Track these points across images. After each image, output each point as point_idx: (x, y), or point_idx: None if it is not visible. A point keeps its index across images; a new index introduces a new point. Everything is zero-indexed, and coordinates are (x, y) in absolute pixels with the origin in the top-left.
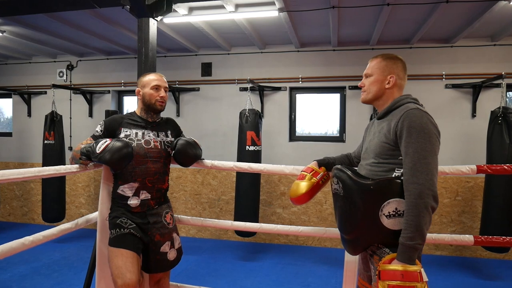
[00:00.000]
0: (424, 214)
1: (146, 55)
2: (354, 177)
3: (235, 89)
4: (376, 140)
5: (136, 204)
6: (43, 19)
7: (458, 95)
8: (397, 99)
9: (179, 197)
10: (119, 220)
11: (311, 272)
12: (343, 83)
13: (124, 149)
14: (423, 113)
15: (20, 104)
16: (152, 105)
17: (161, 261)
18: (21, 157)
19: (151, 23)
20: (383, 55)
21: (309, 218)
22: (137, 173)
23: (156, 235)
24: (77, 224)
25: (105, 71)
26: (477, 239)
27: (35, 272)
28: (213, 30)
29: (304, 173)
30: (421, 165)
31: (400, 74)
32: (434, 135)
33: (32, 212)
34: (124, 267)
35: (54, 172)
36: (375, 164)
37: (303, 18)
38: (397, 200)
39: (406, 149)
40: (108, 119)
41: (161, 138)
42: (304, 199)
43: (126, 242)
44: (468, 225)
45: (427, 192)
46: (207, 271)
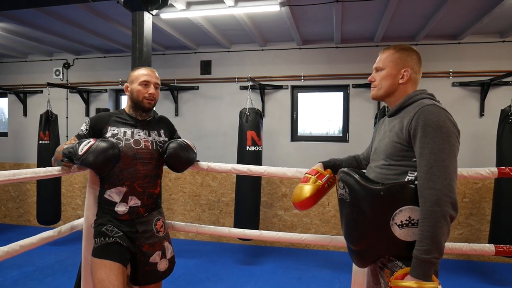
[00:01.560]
0: (441, 224)
1: (141, 50)
2: (362, 182)
3: (235, 87)
4: (387, 139)
5: (124, 211)
6: (38, 15)
7: (465, 93)
8: (411, 95)
9: (178, 198)
10: (104, 227)
11: (314, 277)
12: (346, 81)
13: (109, 151)
14: (441, 109)
15: (16, 104)
16: (139, 103)
17: (150, 272)
18: (17, 158)
19: (145, 17)
20: (395, 47)
21: (312, 220)
22: (125, 176)
23: (145, 245)
24: (60, 232)
25: (102, 69)
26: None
27: (28, 277)
28: (213, 27)
29: (308, 176)
30: (438, 169)
31: (415, 68)
32: (453, 134)
33: (28, 214)
34: (107, 281)
35: (32, 175)
36: (385, 166)
37: (306, 13)
38: (411, 208)
39: (421, 150)
40: (93, 117)
41: (153, 138)
42: (308, 203)
43: (111, 253)
44: (476, 228)
45: (445, 199)
46: (206, 275)
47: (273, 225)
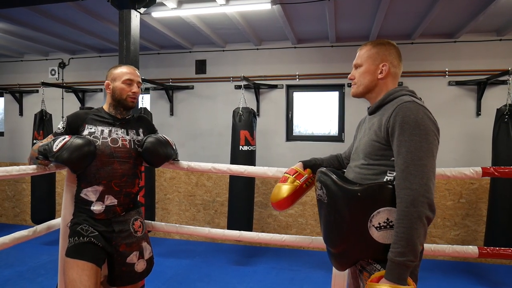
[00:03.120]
0: (417, 225)
1: (128, 49)
2: (339, 182)
3: (230, 87)
4: (366, 138)
5: (100, 210)
6: (33, 15)
7: (462, 92)
8: (391, 91)
9: (173, 198)
10: (79, 227)
11: (307, 278)
12: (342, 81)
13: (85, 147)
14: (419, 106)
15: (12, 103)
16: (123, 101)
17: (127, 272)
18: (13, 157)
19: (133, 15)
20: (373, 42)
21: (307, 220)
22: (102, 175)
23: (121, 245)
24: (36, 231)
25: (97, 68)
26: (482, 250)
27: (20, 276)
28: (206, 26)
29: (286, 175)
30: (415, 168)
31: (394, 62)
32: (432, 132)
33: (24, 213)
34: (78, 281)
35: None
36: (364, 166)
37: (298, 11)
38: (389, 209)
39: (399, 148)
40: (71, 115)
41: (131, 137)
42: (285, 204)
43: (84, 253)
44: (473, 229)
45: (421, 199)
46: (199, 276)
47: (268, 225)
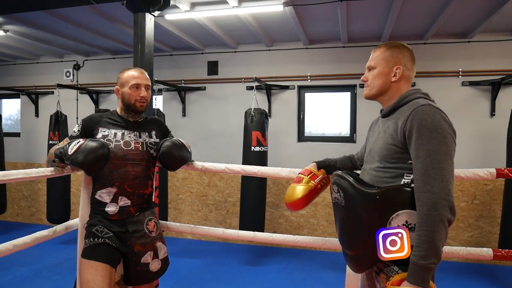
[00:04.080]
0: (439, 228)
1: (142, 52)
2: (357, 185)
3: (242, 88)
4: (381, 141)
5: (114, 211)
6: (46, 17)
7: (475, 93)
8: (405, 94)
9: (185, 198)
10: (94, 228)
11: (319, 278)
12: (353, 81)
13: (99, 150)
14: (436, 109)
15: (28, 104)
16: (132, 106)
17: (142, 272)
18: (29, 157)
19: (147, 19)
20: (386, 44)
21: (318, 221)
22: (115, 177)
23: (136, 245)
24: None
25: (111, 70)
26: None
27: (36, 275)
28: (218, 27)
29: (301, 176)
30: (435, 171)
31: (407, 65)
32: (449, 135)
33: (40, 212)
34: (92, 282)
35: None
36: (380, 169)
37: (310, 13)
38: (408, 212)
39: (417, 152)
40: (85, 118)
41: (144, 139)
42: (300, 204)
43: (99, 254)
44: (487, 230)
45: (442, 202)
46: (211, 276)
47: (279, 226)
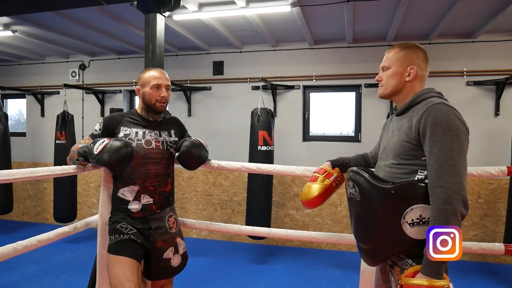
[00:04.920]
0: (453, 222)
1: (153, 51)
2: (373, 181)
3: (247, 88)
4: (395, 138)
5: (137, 209)
6: (54, 18)
7: (480, 92)
8: (419, 93)
9: (190, 198)
10: (118, 225)
11: (325, 276)
12: (358, 81)
13: (123, 149)
14: (449, 108)
15: (34, 104)
16: (152, 106)
17: (164, 267)
18: (35, 157)
19: (158, 19)
20: (400, 45)
21: (323, 220)
22: (137, 175)
23: (158, 241)
24: (76, 227)
25: (117, 70)
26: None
27: (45, 273)
28: (225, 27)
29: (316, 175)
30: (448, 167)
31: (421, 65)
32: (463, 132)
33: (45, 211)
34: (122, 276)
35: (49, 173)
36: (395, 165)
37: (317, 13)
38: (422, 206)
39: (431, 148)
40: (107, 117)
41: (164, 138)
42: (316, 202)
43: (126, 249)
44: (491, 229)
45: (456, 197)
46: (218, 274)
47: (284, 225)
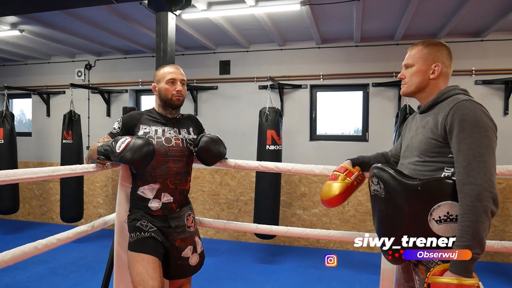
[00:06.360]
0: (483, 219)
1: (165, 50)
2: (398, 177)
3: (254, 87)
4: (420, 136)
5: (157, 207)
6: (61, 17)
7: (489, 91)
8: (444, 90)
9: (197, 197)
10: (139, 223)
11: (334, 276)
12: (366, 80)
13: (146, 147)
14: (477, 105)
15: (39, 104)
16: (168, 100)
17: (182, 266)
18: (40, 157)
19: (169, 18)
20: (424, 42)
21: (331, 220)
22: (158, 173)
23: (177, 240)
24: (94, 226)
25: (123, 70)
26: None
27: (53, 273)
28: (232, 27)
29: (336, 173)
30: (478, 163)
31: (446, 62)
32: (491, 129)
33: (51, 211)
34: (145, 274)
35: (70, 171)
36: (420, 163)
37: (326, 12)
38: (449, 203)
39: (459, 145)
40: (126, 115)
41: (183, 136)
42: (337, 201)
43: (147, 247)
44: (500, 229)
45: (486, 194)
46: (226, 274)
47: (292, 225)
